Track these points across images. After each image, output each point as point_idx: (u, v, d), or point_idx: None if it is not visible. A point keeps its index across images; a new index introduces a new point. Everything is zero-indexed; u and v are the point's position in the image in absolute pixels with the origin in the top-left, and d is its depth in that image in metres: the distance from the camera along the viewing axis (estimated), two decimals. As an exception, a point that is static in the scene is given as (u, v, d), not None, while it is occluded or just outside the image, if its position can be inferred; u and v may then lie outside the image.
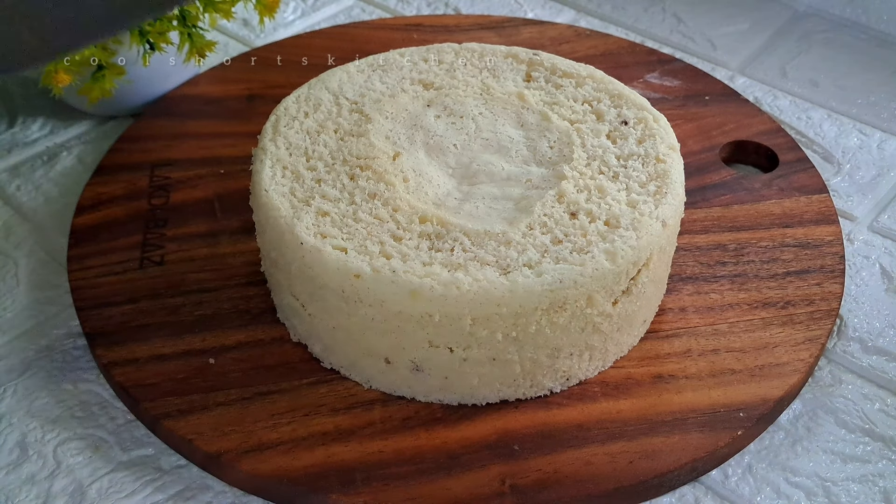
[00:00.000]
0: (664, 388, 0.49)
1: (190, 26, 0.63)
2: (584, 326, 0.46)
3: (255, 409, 0.48)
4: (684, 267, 0.55)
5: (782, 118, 0.68)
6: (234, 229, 0.57)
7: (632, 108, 0.53)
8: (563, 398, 0.49)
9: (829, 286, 0.54)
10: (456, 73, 0.56)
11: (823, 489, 0.46)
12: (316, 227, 0.47)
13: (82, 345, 0.53)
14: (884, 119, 0.68)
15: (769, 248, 0.56)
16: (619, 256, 0.45)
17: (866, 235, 0.60)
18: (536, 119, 0.53)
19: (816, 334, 0.51)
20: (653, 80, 0.69)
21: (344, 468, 0.45)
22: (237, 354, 0.51)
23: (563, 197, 0.48)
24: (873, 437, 0.49)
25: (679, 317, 0.53)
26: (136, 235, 0.57)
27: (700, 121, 0.65)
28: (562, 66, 0.56)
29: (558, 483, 0.45)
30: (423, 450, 0.46)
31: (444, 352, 0.46)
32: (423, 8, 0.81)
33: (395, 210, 0.48)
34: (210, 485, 0.47)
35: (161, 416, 0.47)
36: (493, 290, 0.44)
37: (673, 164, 0.50)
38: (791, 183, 0.61)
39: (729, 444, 0.47)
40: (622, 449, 0.46)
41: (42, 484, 0.47)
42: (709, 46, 0.76)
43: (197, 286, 0.54)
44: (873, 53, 0.75)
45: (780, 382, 0.49)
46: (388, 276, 0.44)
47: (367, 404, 0.48)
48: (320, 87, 0.55)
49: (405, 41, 0.72)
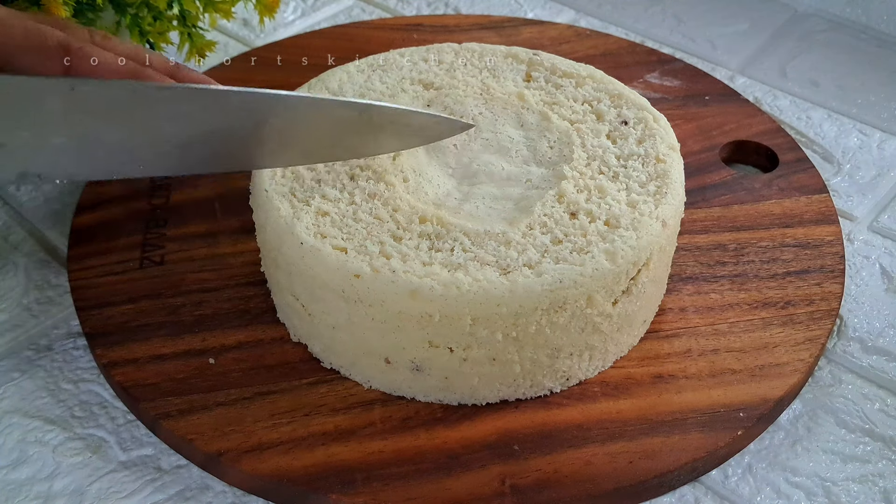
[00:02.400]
0: (664, 388, 0.49)
1: (190, 26, 0.63)
2: (584, 326, 0.46)
3: (255, 409, 0.48)
4: (684, 267, 0.55)
5: (782, 118, 0.68)
6: (234, 229, 0.57)
7: (632, 108, 0.53)
8: (563, 398, 0.49)
9: (829, 286, 0.54)
10: (456, 73, 0.56)
11: (823, 489, 0.46)
12: (316, 227, 0.47)
13: (82, 345, 0.53)
14: (884, 119, 0.68)
15: (769, 248, 0.56)
16: (619, 256, 0.45)
17: (866, 235, 0.60)
18: (536, 119, 0.53)
19: (816, 334, 0.51)
20: (653, 80, 0.69)
21: (344, 468, 0.45)
22: (237, 354, 0.51)
23: (563, 197, 0.48)
24: (873, 437, 0.49)
25: (679, 317, 0.53)
26: (136, 235, 0.57)
27: (700, 121, 0.65)
28: (562, 66, 0.56)
29: (558, 483, 0.45)
30: (423, 450, 0.46)
31: (444, 352, 0.46)
32: (423, 8, 0.81)
33: (394, 210, 0.48)
34: (210, 485, 0.47)
35: (161, 416, 0.47)
36: (493, 290, 0.44)
37: (673, 164, 0.50)
38: (791, 183, 0.61)
39: (729, 444, 0.47)
40: (622, 449, 0.46)
41: (42, 484, 0.47)
42: (709, 46, 0.76)
43: (197, 286, 0.54)
44: (873, 53, 0.75)
45: (780, 382, 0.49)
46: (388, 276, 0.44)
47: (367, 404, 0.48)
48: (320, 87, 0.55)
49: (405, 41, 0.72)
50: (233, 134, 0.45)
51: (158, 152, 0.45)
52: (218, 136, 0.45)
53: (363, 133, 0.47)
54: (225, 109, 0.44)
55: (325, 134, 0.46)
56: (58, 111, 0.42)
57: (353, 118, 0.46)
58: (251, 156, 0.46)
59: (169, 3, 0.61)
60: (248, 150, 0.46)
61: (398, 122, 0.48)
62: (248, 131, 0.45)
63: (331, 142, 0.47)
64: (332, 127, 0.46)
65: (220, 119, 0.44)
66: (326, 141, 0.47)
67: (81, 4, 0.58)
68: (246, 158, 0.46)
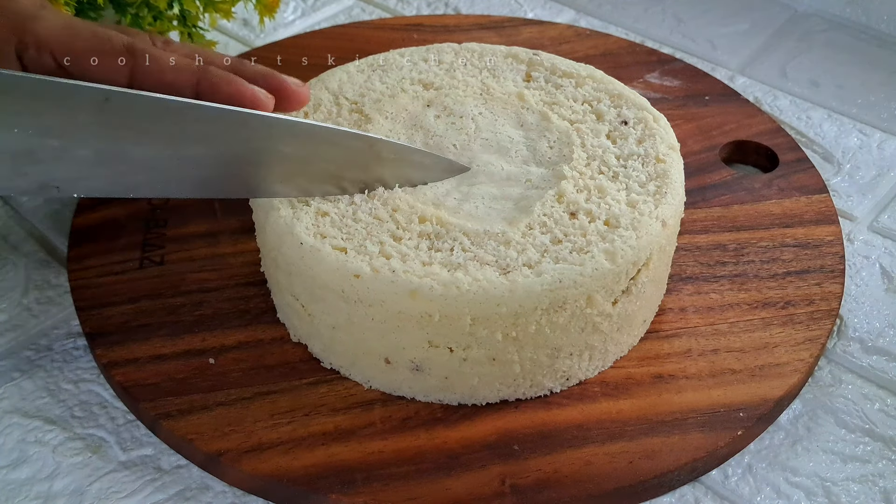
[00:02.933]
0: (664, 388, 0.49)
1: (190, 26, 0.63)
2: (583, 326, 0.46)
3: (255, 409, 0.48)
4: (684, 267, 0.55)
5: (782, 118, 0.68)
6: (234, 229, 0.57)
7: (632, 108, 0.53)
8: (563, 398, 0.49)
9: (829, 286, 0.54)
10: (456, 73, 0.56)
11: (823, 489, 0.46)
12: (315, 228, 0.47)
13: (82, 345, 0.53)
14: (884, 119, 0.68)
15: (769, 248, 0.56)
16: (618, 256, 0.45)
17: (866, 235, 0.60)
18: (536, 119, 0.53)
19: (816, 334, 0.51)
20: (653, 80, 0.69)
21: (344, 468, 0.45)
22: (237, 354, 0.51)
23: (563, 197, 0.48)
24: (873, 437, 0.49)
25: (679, 317, 0.53)
26: (136, 235, 0.57)
27: (700, 121, 0.65)
28: (562, 66, 0.56)
29: (558, 483, 0.45)
30: (423, 450, 0.46)
31: (444, 352, 0.46)
32: (423, 8, 0.81)
33: (394, 210, 0.48)
34: (210, 485, 0.47)
35: (161, 416, 0.47)
36: (493, 289, 0.44)
37: (673, 164, 0.50)
38: (791, 183, 0.61)
39: (729, 444, 0.47)
40: (622, 449, 0.46)
41: (42, 484, 0.47)
42: (709, 46, 0.76)
43: (197, 286, 0.54)
44: (873, 53, 0.75)
45: (780, 382, 0.49)
46: (388, 275, 0.44)
47: (367, 404, 0.48)
48: (320, 87, 0.55)
49: (405, 41, 0.72)
50: (248, 158, 0.46)
51: (179, 173, 0.46)
52: (235, 160, 0.46)
53: (369, 165, 0.48)
54: (246, 130, 0.45)
55: (333, 163, 0.48)
56: (89, 122, 0.42)
57: (363, 150, 0.48)
58: (260, 181, 0.47)
59: (169, 3, 0.61)
60: (260, 175, 0.47)
61: (403, 158, 0.49)
62: (263, 155, 0.46)
63: (336, 172, 0.48)
64: (342, 155, 0.48)
65: (241, 141, 0.45)
66: (333, 170, 0.48)
67: (83, 4, 0.59)
68: (256, 184, 0.47)
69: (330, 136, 0.47)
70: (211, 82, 0.47)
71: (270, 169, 0.47)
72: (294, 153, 0.47)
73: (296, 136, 0.46)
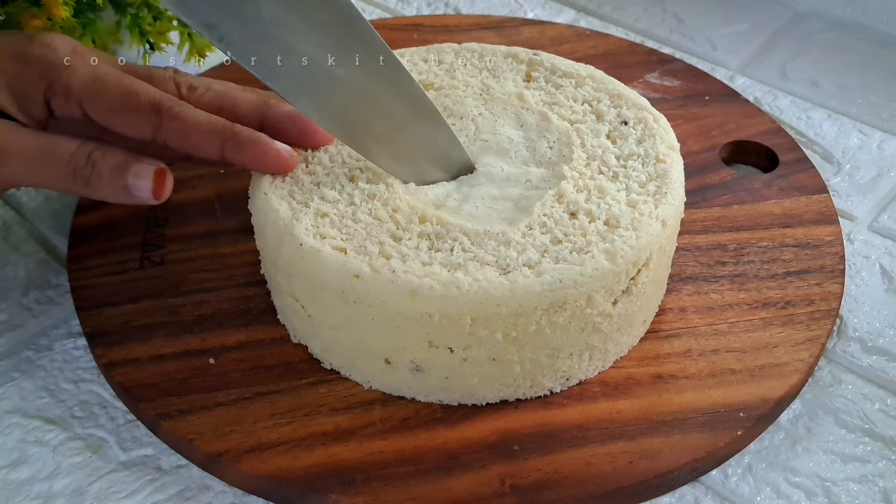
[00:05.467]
0: (664, 388, 0.49)
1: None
2: (583, 326, 0.46)
3: (255, 409, 0.48)
4: (684, 267, 0.55)
5: (782, 118, 0.68)
6: (234, 229, 0.57)
7: (632, 108, 0.53)
8: (563, 398, 0.49)
9: (829, 286, 0.54)
10: (456, 73, 0.56)
11: (823, 489, 0.46)
12: (315, 228, 0.47)
13: (82, 345, 0.53)
14: (884, 119, 0.68)
15: (769, 248, 0.56)
16: (618, 256, 0.45)
17: (866, 235, 0.60)
18: (536, 119, 0.53)
19: (816, 334, 0.51)
20: (653, 80, 0.69)
21: (344, 468, 0.45)
22: (237, 354, 0.51)
23: (563, 197, 0.48)
24: (873, 437, 0.49)
25: (679, 317, 0.53)
26: (136, 235, 0.57)
27: (700, 121, 0.65)
28: (562, 66, 0.56)
29: (558, 483, 0.45)
30: (423, 450, 0.46)
31: (444, 352, 0.46)
32: (423, 8, 0.81)
33: (394, 210, 0.48)
34: (210, 485, 0.47)
35: (161, 416, 0.47)
36: (493, 290, 0.44)
37: (673, 164, 0.50)
38: (791, 183, 0.61)
39: (729, 444, 0.47)
40: (622, 449, 0.46)
41: (42, 484, 0.47)
42: (709, 46, 0.76)
43: (197, 286, 0.54)
44: (873, 53, 0.75)
45: (780, 382, 0.49)
46: (388, 276, 0.44)
47: (367, 404, 0.48)
48: (320, 88, 0.55)
49: (405, 41, 0.72)
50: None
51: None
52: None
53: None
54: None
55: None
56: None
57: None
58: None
59: (169, 4, 0.61)
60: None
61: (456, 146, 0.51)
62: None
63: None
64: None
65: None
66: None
67: (81, 4, 0.59)
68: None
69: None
70: (236, 144, 0.48)
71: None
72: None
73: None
